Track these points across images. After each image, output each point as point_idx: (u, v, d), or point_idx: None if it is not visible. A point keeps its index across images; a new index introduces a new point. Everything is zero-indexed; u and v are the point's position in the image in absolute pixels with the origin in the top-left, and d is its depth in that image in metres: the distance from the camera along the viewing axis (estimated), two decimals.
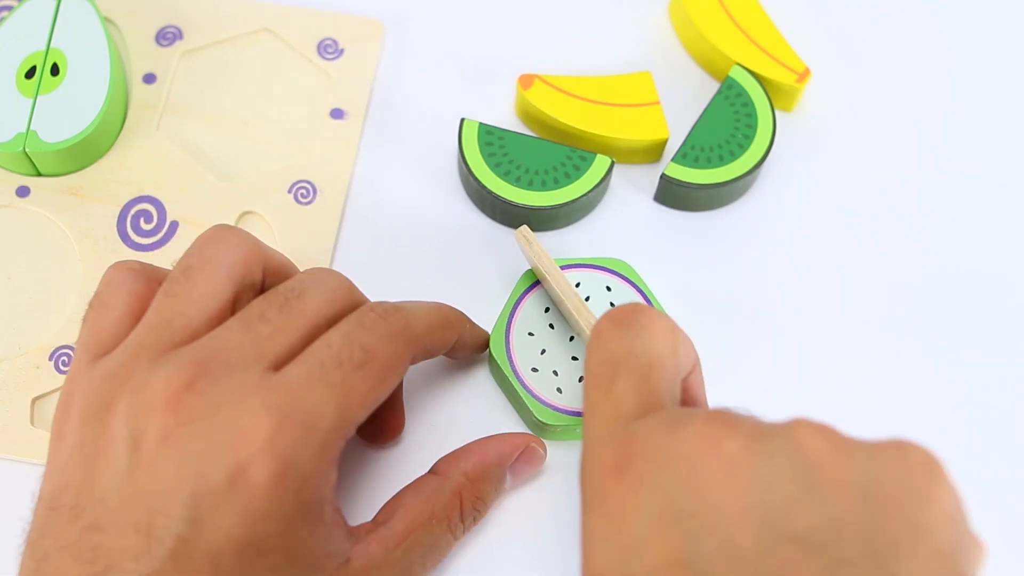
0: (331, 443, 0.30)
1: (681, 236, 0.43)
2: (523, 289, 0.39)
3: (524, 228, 0.38)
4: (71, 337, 0.39)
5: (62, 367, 0.39)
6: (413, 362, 0.33)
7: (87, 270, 0.40)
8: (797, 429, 0.27)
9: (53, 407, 0.38)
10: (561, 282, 0.36)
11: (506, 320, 0.38)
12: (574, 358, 0.38)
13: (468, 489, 0.35)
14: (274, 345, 0.30)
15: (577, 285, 0.38)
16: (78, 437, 0.30)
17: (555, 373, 0.37)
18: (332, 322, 0.32)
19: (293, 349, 0.31)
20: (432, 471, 0.35)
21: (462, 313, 0.37)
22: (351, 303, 0.33)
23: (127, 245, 0.41)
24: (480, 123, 0.42)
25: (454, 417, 0.39)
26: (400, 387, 0.37)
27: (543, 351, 0.38)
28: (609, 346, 0.30)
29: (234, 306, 0.32)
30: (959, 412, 0.40)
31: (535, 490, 0.38)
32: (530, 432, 0.38)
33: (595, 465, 0.29)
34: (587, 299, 0.38)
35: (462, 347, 0.37)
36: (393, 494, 0.35)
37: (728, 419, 0.27)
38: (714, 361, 0.40)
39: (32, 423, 0.38)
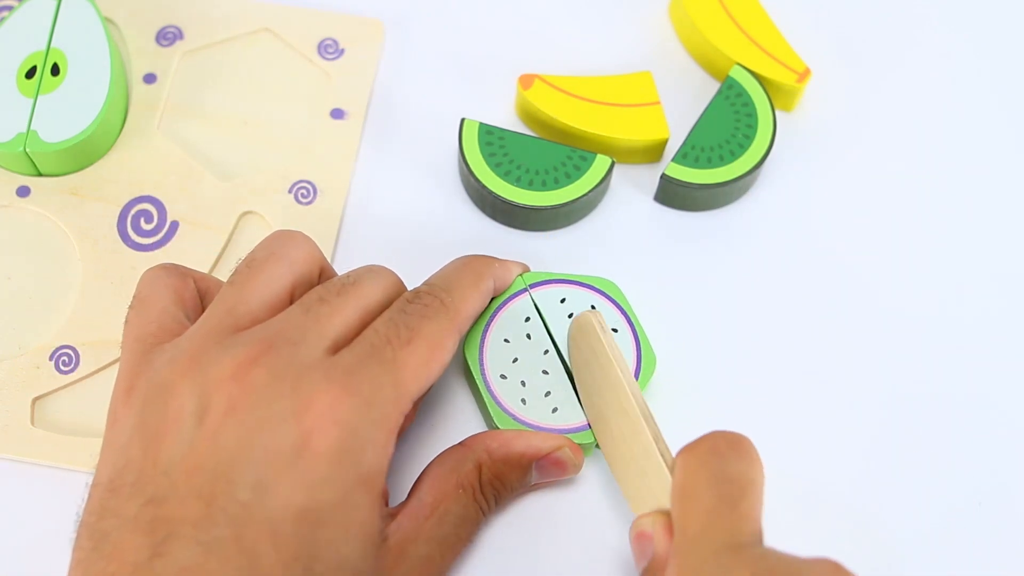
0: (389, 415, 0.31)
1: (681, 236, 0.43)
2: (508, 295, 0.38)
3: (597, 312, 0.36)
4: (71, 337, 0.39)
5: (62, 367, 0.39)
6: (462, 331, 0.35)
7: (87, 270, 0.40)
8: None
9: (54, 407, 0.38)
10: (632, 384, 0.35)
11: (485, 322, 0.38)
12: (544, 372, 0.37)
13: (488, 465, 0.35)
14: (333, 326, 0.32)
15: (562, 301, 0.38)
16: (140, 418, 0.30)
17: (523, 383, 0.37)
18: (382, 310, 0.33)
19: (350, 331, 0.32)
20: (460, 443, 0.36)
21: (489, 259, 0.38)
22: (398, 295, 0.35)
23: (127, 245, 0.41)
24: (480, 123, 0.42)
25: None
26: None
27: (515, 359, 0.37)
28: (737, 466, 0.31)
29: (291, 300, 0.33)
30: (959, 407, 0.40)
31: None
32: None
33: (731, 565, 0.29)
34: (570, 315, 0.38)
35: (500, 287, 0.38)
36: None
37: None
38: (714, 360, 0.40)
39: (32, 423, 0.38)
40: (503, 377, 0.37)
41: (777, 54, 0.44)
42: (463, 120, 0.42)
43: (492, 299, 0.38)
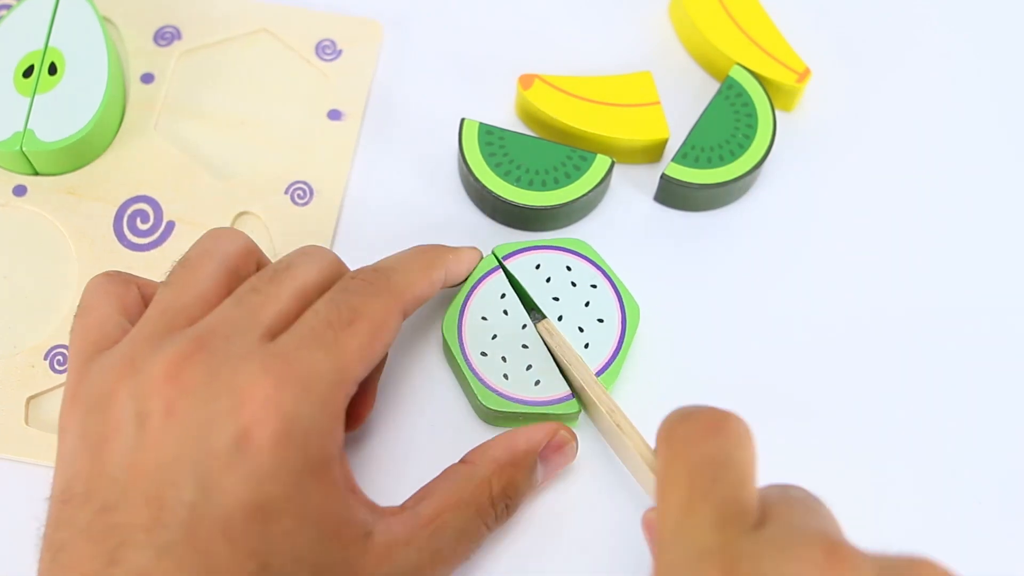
0: (331, 399, 0.30)
1: (681, 236, 0.42)
2: (482, 273, 0.38)
3: (547, 321, 0.38)
4: (67, 337, 0.38)
5: (57, 366, 0.38)
6: (407, 313, 0.34)
7: (83, 269, 0.40)
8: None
9: (48, 406, 0.38)
10: (583, 372, 0.36)
11: (461, 302, 0.38)
12: (524, 346, 0.37)
13: (497, 476, 0.34)
14: (267, 314, 0.31)
15: (537, 267, 0.38)
16: (83, 427, 0.30)
17: (503, 359, 0.37)
18: (321, 292, 0.33)
19: (285, 317, 0.32)
20: (462, 460, 0.35)
21: (442, 248, 0.37)
22: (339, 275, 0.34)
23: (123, 245, 0.41)
24: (480, 123, 0.42)
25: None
26: (378, 370, 0.37)
27: (494, 336, 0.38)
28: (704, 449, 0.28)
29: (227, 295, 0.33)
30: (959, 405, 0.40)
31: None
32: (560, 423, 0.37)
33: None
34: (548, 280, 0.38)
35: (453, 278, 0.37)
36: None
37: (850, 556, 0.25)
38: (714, 360, 0.40)
39: (27, 422, 0.38)
40: (483, 354, 0.37)
41: (777, 54, 0.44)
42: (463, 120, 0.42)
43: (466, 279, 0.38)
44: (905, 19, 0.48)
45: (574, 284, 0.39)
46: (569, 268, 0.39)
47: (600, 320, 0.38)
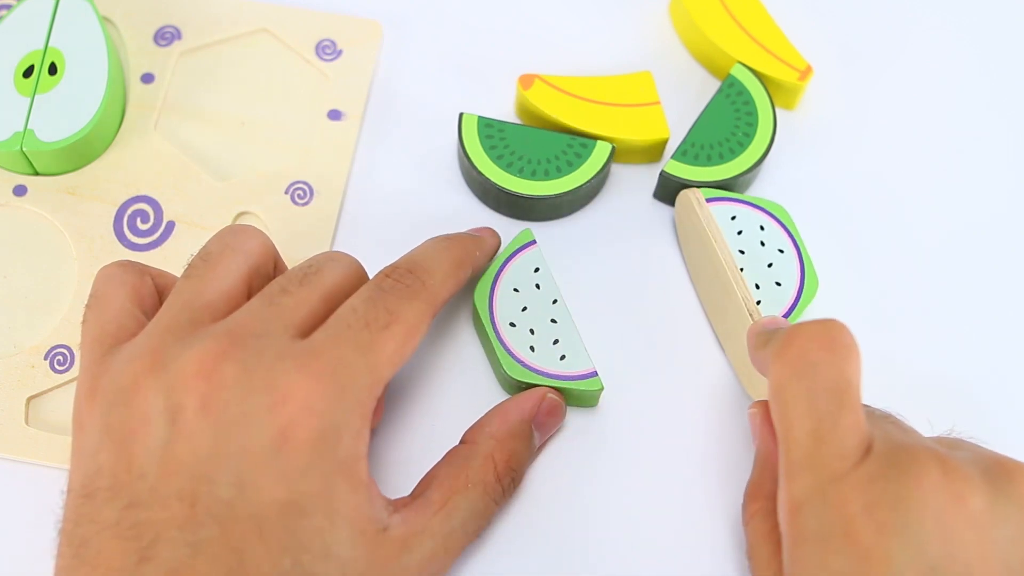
0: (364, 401, 0.31)
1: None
2: (519, 245, 0.39)
3: (695, 190, 0.39)
4: (66, 337, 0.39)
5: (57, 367, 0.38)
6: (435, 314, 0.34)
7: (83, 269, 0.40)
8: None
9: (48, 406, 0.38)
10: (725, 251, 0.38)
11: (495, 272, 0.39)
12: (553, 320, 0.38)
13: (499, 450, 0.35)
14: (298, 314, 0.32)
15: (733, 218, 0.39)
16: (105, 421, 0.30)
17: (531, 331, 0.38)
18: (347, 295, 0.33)
19: (317, 317, 0.32)
20: (461, 441, 0.36)
21: (469, 239, 0.37)
22: (362, 281, 0.34)
23: (123, 245, 0.41)
24: (479, 116, 0.42)
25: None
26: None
27: (524, 308, 0.38)
28: (823, 372, 0.30)
29: (249, 292, 0.33)
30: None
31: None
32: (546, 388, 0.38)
33: (837, 501, 0.29)
34: (739, 232, 0.39)
35: (478, 271, 0.38)
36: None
37: (963, 471, 0.29)
38: (713, 361, 0.40)
39: (26, 422, 0.38)
40: (512, 325, 0.38)
41: (778, 52, 0.44)
42: (461, 114, 0.42)
43: (500, 252, 0.39)
44: (907, 17, 0.48)
45: (763, 244, 0.39)
46: (762, 228, 0.39)
47: (778, 284, 0.38)
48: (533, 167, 0.41)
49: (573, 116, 0.42)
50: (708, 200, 0.40)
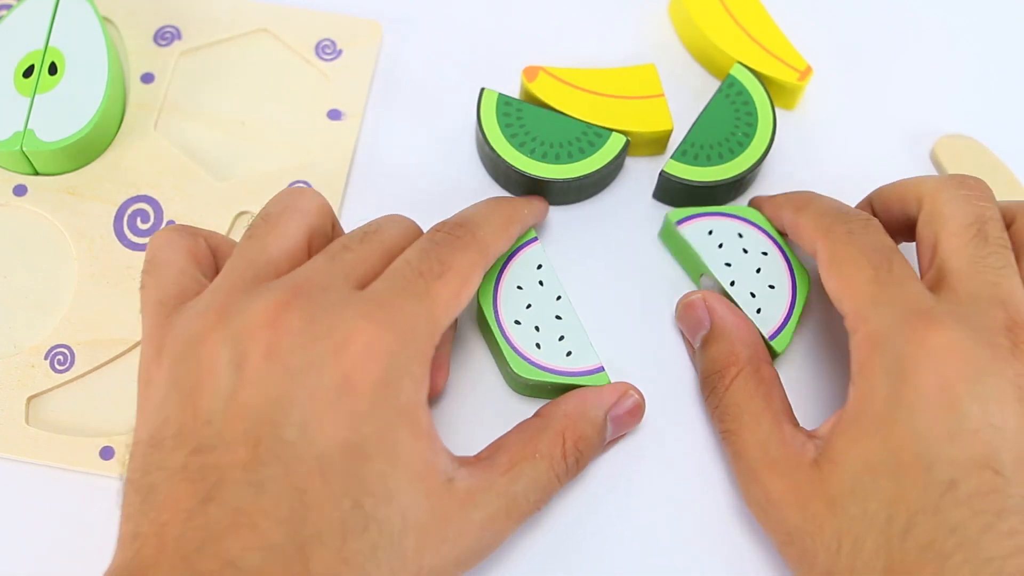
0: (424, 348, 0.32)
1: None
2: (520, 243, 0.39)
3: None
4: (67, 336, 0.39)
5: (57, 366, 0.38)
6: (487, 266, 0.35)
7: (83, 269, 0.40)
8: None
9: (48, 406, 0.38)
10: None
11: (497, 271, 0.39)
12: (557, 317, 0.38)
13: (570, 428, 0.36)
14: (359, 269, 0.33)
15: (710, 233, 0.39)
16: (172, 375, 0.30)
17: (537, 328, 0.38)
18: None
19: (376, 272, 0.33)
20: (536, 415, 0.36)
21: (517, 200, 0.39)
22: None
23: (124, 245, 0.41)
24: (499, 93, 0.42)
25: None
26: (450, 339, 0.38)
27: (528, 305, 0.38)
28: (870, 238, 0.34)
29: (309, 251, 0.34)
30: None
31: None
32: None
33: (918, 343, 0.31)
34: (720, 245, 0.39)
35: (526, 227, 0.39)
36: None
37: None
38: None
39: (27, 422, 0.38)
40: (517, 323, 0.38)
41: (778, 52, 0.44)
42: (482, 90, 0.42)
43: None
44: (907, 17, 0.48)
45: (745, 251, 0.39)
46: (741, 235, 0.39)
47: (771, 286, 0.39)
48: (545, 149, 0.41)
49: (577, 108, 0.42)
50: (679, 222, 0.40)
